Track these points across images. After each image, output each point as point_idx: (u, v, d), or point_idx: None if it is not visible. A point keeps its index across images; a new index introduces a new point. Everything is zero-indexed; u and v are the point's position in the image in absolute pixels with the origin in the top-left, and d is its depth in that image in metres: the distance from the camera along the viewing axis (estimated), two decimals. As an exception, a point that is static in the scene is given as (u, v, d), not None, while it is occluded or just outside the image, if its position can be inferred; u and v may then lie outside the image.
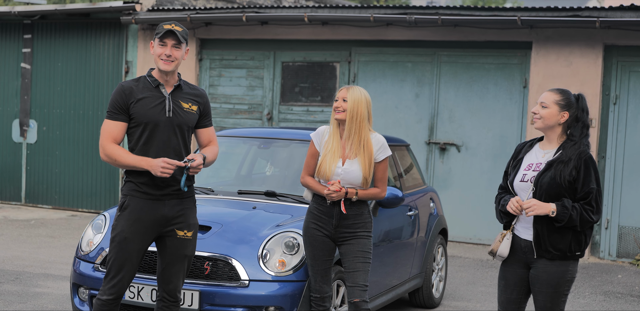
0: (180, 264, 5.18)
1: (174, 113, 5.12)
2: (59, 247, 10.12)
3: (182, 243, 5.17)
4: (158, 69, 5.13)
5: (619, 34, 10.43)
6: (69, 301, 7.48)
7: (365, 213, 5.64)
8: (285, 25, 11.93)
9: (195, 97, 5.26)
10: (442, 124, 11.41)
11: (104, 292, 5.10)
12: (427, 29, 11.24)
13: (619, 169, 10.54)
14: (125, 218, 5.08)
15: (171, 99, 5.14)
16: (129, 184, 5.12)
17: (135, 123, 5.08)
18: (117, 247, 5.07)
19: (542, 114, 4.91)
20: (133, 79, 5.19)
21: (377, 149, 5.61)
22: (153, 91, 5.12)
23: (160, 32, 5.10)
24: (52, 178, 13.34)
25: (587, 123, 4.92)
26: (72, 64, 13.17)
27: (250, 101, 12.40)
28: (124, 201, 5.11)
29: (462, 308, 8.01)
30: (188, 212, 5.20)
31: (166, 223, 5.12)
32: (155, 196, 5.08)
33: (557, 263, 4.83)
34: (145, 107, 5.06)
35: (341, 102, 5.58)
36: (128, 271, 5.09)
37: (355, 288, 5.55)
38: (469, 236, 11.29)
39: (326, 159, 5.57)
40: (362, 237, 5.60)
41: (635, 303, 8.46)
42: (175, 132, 5.12)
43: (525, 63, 10.99)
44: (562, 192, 4.79)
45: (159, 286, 5.23)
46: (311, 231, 5.64)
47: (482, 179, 11.20)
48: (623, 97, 10.55)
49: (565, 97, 4.91)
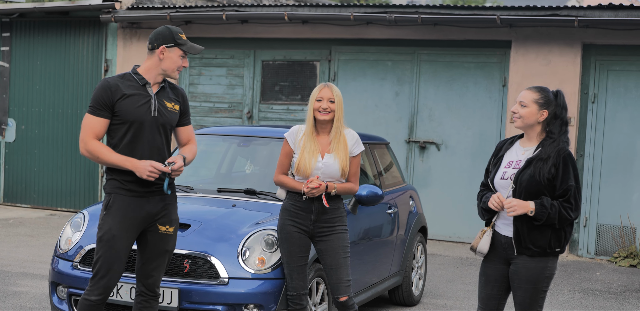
0: (160, 259, 5.18)
1: (158, 113, 5.12)
2: (38, 246, 10.07)
3: (164, 238, 5.17)
4: (168, 76, 5.15)
5: (598, 33, 10.49)
6: (47, 300, 7.45)
7: (341, 207, 5.69)
8: (265, 23, 11.92)
9: (177, 96, 5.28)
10: (422, 123, 11.44)
11: (91, 292, 5.04)
12: (407, 27, 11.26)
13: (598, 167, 10.60)
14: (112, 216, 5.05)
15: (156, 99, 5.13)
16: (112, 182, 5.09)
17: (120, 121, 5.05)
18: (106, 246, 5.03)
19: (522, 113, 4.92)
20: (118, 76, 5.15)
21: (352, 144, 5.66)
22: (139, 89, 5.10)
23: (186, 44, 5.17)
24: (31, 177, 13.27)
25: (566, 120, 4.94)
26: (51, 63, 13.11)
27: (231, 100, 12.38)
28: (109, 200, 5.08)
29: (441, 306, 8.03)
30: (170, 208, 5.20)
31: (151, 219, 5.11)
32: (140, 193, 5.07)
33: (537, 259, 4.86)
34: (132, 105, 5.04)
35: (327, 103, 5.59)
36: (117, 270, 5.06)
37: (340, 284, 5.58)
38: (449, 234, 11.32)
39: (305, 156, 5.58)
40: (340, 232, 5.63)
41: (613, 300, 8.51)
42: (159, 132, 5.13)
43: (504, 62, 11.04)
44: (541, 189, 4.81)
45: (138, 281, 5.21)
46: (287, 228, 5.64)
47: (461, 177, 11.23)
48: (601, 96, 10.61)
49: (544, 96, 4.93)
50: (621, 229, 10.46)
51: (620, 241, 10.46)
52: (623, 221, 10.45)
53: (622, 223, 10.46)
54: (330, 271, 5.62)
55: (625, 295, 8.73)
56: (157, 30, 5.19)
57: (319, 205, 5.58)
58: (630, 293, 8.82)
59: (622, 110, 10.54)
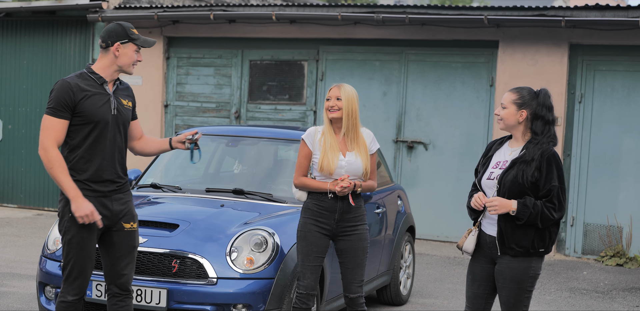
0: (130, 256, 5.17)
1: (118, 111, 5.12)
2: (25, 246, 10.04)
3: (131, 235, 5.17)
4: (123, 72, 5.13)
5: (584, 33, 10.53)
6: (35, 300, 7.43)
7: (362, 205, 5.77)
8: (253, 23, 11.91)
9: (127, 92, 5.29)
10: (410, 123, 11.46)
11: (67, 293, 5.04)
12: (394, 27, 11.28)
13: (584, 167, 10.64)
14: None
15: (114, 97, 5.13)
16: (76, 183, 5.02)
17: (82, 121, 5.00)
18: (77, 248, 5.00)
19: (502, 115, 4.98)
20: (75, 75, 5.10)
21: (369, 142, 5.74)
22: (98, 88, 5.08)
23: (138, 38, 5.13)
24: (18, 177, 13.22)
25: (549, 118, 4.92)
26: (38, 62, 13.07)
27: (218, 99, 12.37)
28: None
29: (429, 305, 8.05)
30: (130, 204, 5.21)
31: (114, 217, 5.10)
32: (103, 192, 5.06)
33: (520, 259, 4.87)
34: (95, 105, 5.02)
35: (335, 101, 5.66)
36: (90, 269, 5.07)
37: (353, 283, 5.68)
38: (437, 234, 11.35)
39: (327, 155, 5.63)
40: (362, 231, 5.70)
41: (600, 299, 8.55)
42: (119, 130, 5.14)
43: (492, 62, 11.07)
44: (524, 190, 4.83)
45: (110, 283, 5.16)
46: (309, 226, 5.66)
47: (449, 177, 11.26)
48: (588, 96, 10.66)
49: (521, 96, 4.95)
50: (608, 228, 10.51)
51: (607, 241, 10.50)
52: (610, 221, 10.50)
53: (609, 222, 10.50)
54: (346, 270, 5.69)
55: (612, 294, 8.77)
56: (108, 28, 5.15)
57: (344, 204, 5.63)
58: (617, 292, 8.86)
59: (608, 110, 10.59)
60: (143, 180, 7.12)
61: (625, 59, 10.53)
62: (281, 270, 5.83)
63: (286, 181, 7.06)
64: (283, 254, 5.89)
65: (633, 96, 10.50)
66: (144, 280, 5.73)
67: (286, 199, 6.64)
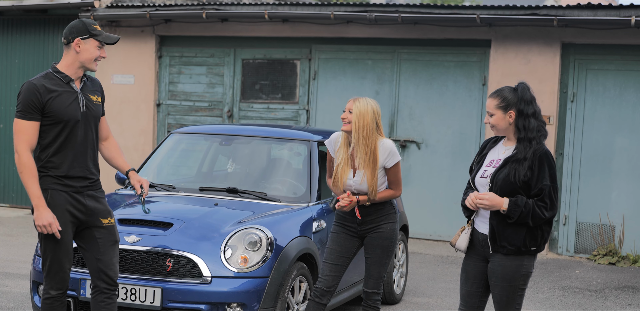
0: (113, 250, 5.20)
1: (87, 108, 5.12)
2: (17, 245, 10.01)
3: (110, 230, 5.20)
4: (86, 68, 5.10)
5: (576, 32, 10.55)
6: (28, 299, 7.41)
7: (387, 205, 5.85)
8: (245, 22, 11.90)
9: (96, 87, 5.28)
10: (402, 122, 11.47)
11: (50, 288, 5.08)
12: (387, 26, 11.29)
13: (577, 166, 10.67)
14: (53, 212, 5.01)
15: (82, 94, 5.12)
16: (48, 178, 5.04)
17: (52, 121, 5.01)
18: (53, 242, 5.03)
19: (492, 122, 4.98)
20: (40, 76, 5.09)
21: (384, 158, 5.73)
22: (65, 87, 5.07)
23: (100, 34, 5.10)
24: (9, 176, 13.18)
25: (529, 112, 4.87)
26: (29, 61, 13.02)
27: (211, 98, 12.36)
28: (46, 196, 5.02)
29: (423, 304, 8.06)
30: (103, 201, 5.23)
31: (89, 213, 5.11)
32: (75, 188, 5.07)
33: (512, 257, 4.88)
34: (63, 104, 5.02)
35: (347, 114, 5.73)
36: (68, 263, 5.10)
37: (370, 278, 5.83)
38: (430, 233, 11.36)
39: (338, 171, 5.74)
40: (384, 230, 5.78)
41: (593, 297, 8.57)
42: (90, 127, 5.15)
43: (484, 61, 11.08)
44: (516, 189, 4.83)
45: (96, 278, 5.16)
46: (337, 228, 5.86)
47: (442, 176, 11.27)
48: (580, 95, 10.68)
49: (503, 99, 4.94)
50: (600, 227, 10.54)
51: (600, 239, 10.53)
52: (602, 219, 10.52)
53: (602, 221, 10.53)
54: (367, 264, 5.84)
55: (605, 293, 8.80)
56: (70, 24, 5.14)
57: (360, 211, 5.77)
58: (609, 291, 8.88)
59: (600, 109, 10.61)
60: (136, 179, 7.10)
61: (617, 58, 10.56)
62: (275, 269, 5.83)
63: (280, 179, 7.07)
64: (277, 253, 5.89)
65: (625, 95, 10.53)
66: (138, 278, 5.72)
67: (280, 198, 6.64)
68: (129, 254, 5.79)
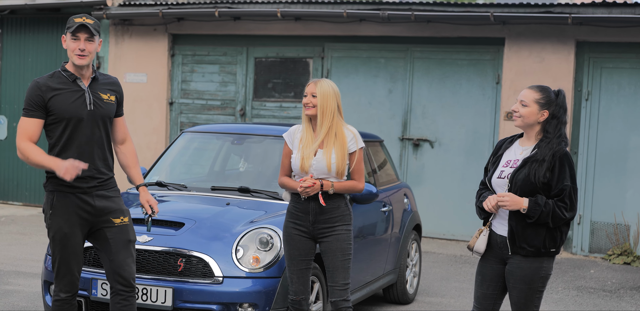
0: (127, 250, 5.12)
1: (95, 105, 5.06)
2: (30, 244, 10.02)
3: (123, 230, 5.13)
4: (72, 64, 5.05)
5: (591, 30, 10.48)
6: (40, 298, 7.40)
7: (342, 205, 5.51)
8: (258, 20, 11.88)
9: (112, 86, 5.21)
10: (416, 120, 11.42)
11: (60, 290, 5.06)
12: (400, 24, 11.24)
13: (591, 165, 10.60)
14: (59, 215, 5.00)
15: (90, 92, 5.07)
16: (54, 180, 5.02)
17: (55, 119, 4.99)
18: (60, 245, 5.01)
19: (522, 112, 4.87)
20: (48, 75, 5.08)
21: (349, 140, 5.52)
22: (70, 85, 5.04)
23: (72, 26, 5.00)
24: (23, 174, 13.20)
25: (563, 120, 4.88)
26: (42, 59, 13.04)
27: (223, 97, 12.34)
28: (52, 198, 5.01)
29: (436, 304, 8.01)
30: (117, 200, 5.16)
31: (99, 213, 5.06)
32: (82, 189, 5.02)
33: (531, 259, 4.82)
34: (65, 102, 4.99)
35: (310, 98, 5.51)
36: (77, 265, 5.07)
37: (334, 287, 5.47)
38: (443, 232, 11.31)
39: (302, 153, 5.49)
40: (340, 232, 5.47)
41: (608, 298, 8.51)
42: (98, 125, 5.08)
43: (497, 59, 11.02)
44: (536, 189, 4.78)
45: (111, 280, 5.13)
46: (289, 230, 5.54)
47: (455, 175, 11.22)
48: (595, 94, 10.61)
49: (546, 96, 4.87)
50: (615, 226, 10.47)
51: (614, 239, 10.46)
52: (617, 219, 10.45)
53: (616, 220, 10.46)
54: (328, 272, 5.52)
55: (620, 293, 8.73)
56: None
57: (316, 205, 5.44)
58: (624, 291, 8.82)
59: (615, 107, 10.54)
60: (148, 178, 7.09)
61: (632, 56, 10.48)
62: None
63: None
64: (289, 253, 5.84)
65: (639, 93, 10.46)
66: (150, 278, 5.70)
67: (292, 198, 6.60)
68: (140, 254, 5.77)
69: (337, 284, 5.47)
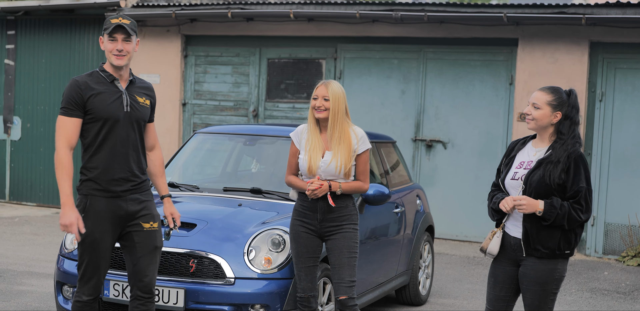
0: (152, 256, 5.11)
1: (131, 108, 5.06)
2: (44, 245, 10.05)
3: (151, 235, 5.11)
4: (111, 65, 5.05)
5: (605, 31, 10.43)
6: (53, 299, 7.42)
7: (349, 205, 5.57)
8: (270, 21, 11.88)
9: (147, 90, 5.23)
10: (428, 121, 11.39)
11: (82, 293, 5.05)
12: (413, 25, 11.22)
13: (605, 166, 10.55)
14: (91, 219, 4.99)
15: (127, 94, 5.07)
16: (87, 183, 5.02)
17: (93, 119, 4.98)
18: (89, 248, 5.00)
19: (535, 115, 4.84)
20: (86, 74, 5.08)
21: (356, 142, 5.54)
22: (108, 85, 5.04)
23: (109, 27, 5.01)
24: (37, 175, 13.25)
25: (577, 120, 4.86)
26: (56, 61, 13.08)
27: (236, 98, 12.35)
28: (85, 202, 5.01)
29: (448, 306, 7.99)
30: (149, 204, 5.15)
31: (130, 217, 5.05)
32: (115, 192, 5.01)
33: (546, 261, 4.80)
34: (104, 102, 4.98)
35: (322, 101, 5.51)
36: (104, 270, 5.05)
37: (340, 284, 5.49)
38: (456, 233, 11.28)
39: (310, 155, 5.51)
40: (347, 230, 5.52)
41: (622, 300, 8.46)
42: (133, 128, 5.07)
43: (511, 60, 10.99)
44: (551, 191, 4.75)
45: (132, 284, 5.13)
46: (296, 228, 5.58)
47: (468, 176, 11.18)
48: (609, 94, 10.56)
49: (558, 97, 4.84)
50: (629, 228, 10.41)
51: (629, 240, 10.40)
52: (631, 220, 10.40)
53: (630, 222, 10.40)
54: (334, 270, 5.54)
55: (634, 295, 8.68)
56: None
57: (325, 204, 5.50)
58: (638, 293, 8.77)
59: (629, 108, 10.48)
60: (161, 179, 7.08)
61: (646, 57, 10.43)
62: (299, 270, 5.78)
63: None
64: (301, 254, 5.83)
65: (654, 94, 10.41)
66: (162, 279, 5.70)
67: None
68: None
69: (343, 281, 5.49)
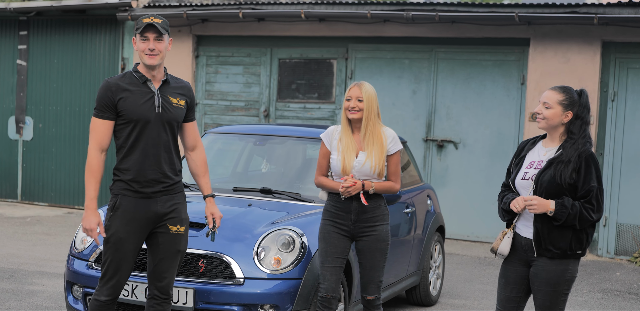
0: (173, 260, 5.11)
1: (163, 109, 5.03)
2: (55, 244, 10.08)
3: (175, 239, 5.10)
4: (144, 64, 5.04)
5: (617, 31, 10.39)
6: (63, 299, 7.43)
7: (382, 205, 5.63)
8: (282, 21, 11.88)
9: (182, 90, 5.18)
10: (440, 121, 11.37)
11: (101, 293, 5.04)
12: (424, 25, 11.19)
13: (617, 166, 10.50)
14: (119, 218, 5.00)
15: (160, 95, 5.05)
16: (119, 183, 5.04)
17: (124, 120, 4.99)
18: (113, 248, 5.00)
19: (546, 114, 4.82)
20: (119, 75, 5.09)
21: (388, 142, 5.62)
22: (141, 86, 5.02)
23: (140, 26, 4.99)
24: (48, 175, 13.29)
25: (587, 120, 4.84)
26: (68, 61, 13.12)
27: (247, 98, 12.35)
28: (115, 201, 5.02)
29: (459, 306, 7.97)
30: (180, 207, 5.14)
31: (159, 219, 5.05)
32: (146, 194, 5.01)
33: (557, 261, 4.77)
34: (135, 103, 4.97)
35: (356, 102, 5.57)
36: (125, 271, 5.04)
37: (370, 285, 5.60)
38: (467, 234, 11.25)
39: (344, 155, 5.55)
40: (380, 232, 5.58)
41: (634, 300, 8.42)
42: (165, 129, 5.04)
43: (522, 60, 10.95)
44: (562, 190, 4.73)
45: (150, 283, 5.15)
46: (327, 228, 5.61)
47: (479, 176, 11.16)
48: (621, 94, 10.51)
49: (569, 97, 4.83)
50: (641, 228, 10.37)
51: (640, 241, 10.37)
52: (643, 221, 10.35)
53: (642, 222, 10.36)
54: (364, 270, 5.61)
55: (646, 296, 8.65)
56: None
57: (359, 205, 5.53)
58: (650, 294, 8.74)
59: (642, 108, 10.44)
60: (171, 179, 7.09)
61: (659, 56, 10.38)
62: (309, 270, 5.78)
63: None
64: (310, 255, 5.83)
65: (667, 94, 10.35)
66: (171, 279, 5.70)
67: (314, 199, 6.59)
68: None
69: (373, 281, 5.60)
